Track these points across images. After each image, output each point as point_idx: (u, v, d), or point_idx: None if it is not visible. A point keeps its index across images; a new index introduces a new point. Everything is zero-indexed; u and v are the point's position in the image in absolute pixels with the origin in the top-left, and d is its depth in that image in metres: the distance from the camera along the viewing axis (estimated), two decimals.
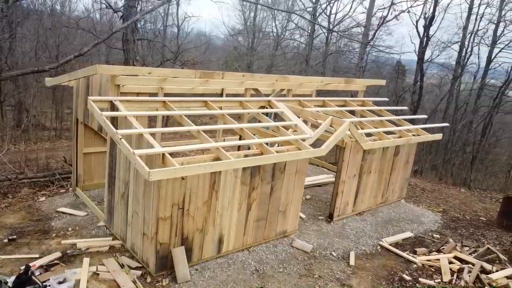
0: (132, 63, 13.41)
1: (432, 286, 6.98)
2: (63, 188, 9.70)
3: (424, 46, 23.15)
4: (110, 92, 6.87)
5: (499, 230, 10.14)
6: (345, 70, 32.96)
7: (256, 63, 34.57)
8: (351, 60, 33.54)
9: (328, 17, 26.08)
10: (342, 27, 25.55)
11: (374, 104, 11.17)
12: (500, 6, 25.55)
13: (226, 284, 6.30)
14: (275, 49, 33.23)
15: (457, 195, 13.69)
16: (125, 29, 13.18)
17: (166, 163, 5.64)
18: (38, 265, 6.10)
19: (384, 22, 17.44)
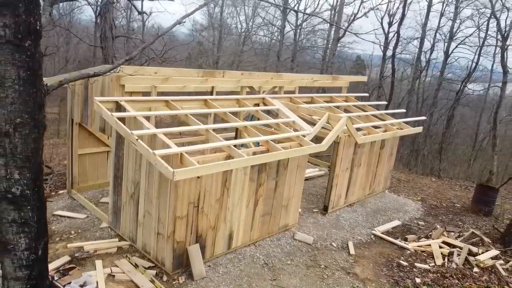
0: (111, 61, 13.13)
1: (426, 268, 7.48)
2: (53, 191, 9.45)
3: (389, 42, 24.10)
4: (115, 93, 6.81)
5: (473, 215, 10.91)
6: (310, 66, 33.69)
7: (223, 59, 34.52)
8: (315, 55, 34.33)
9: (297, 13, 26.52)
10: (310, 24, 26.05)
11: (356, 100, 11.63)
12: (456, 3, 27.03)
13: (241, 279, 6.48)
14: (242, 45, 33.33)
15: (430, 184, 14.50)
16: (103, 26, 12.89)
17: (185, 162, 5.71)
18: (51, 270, 6.00)
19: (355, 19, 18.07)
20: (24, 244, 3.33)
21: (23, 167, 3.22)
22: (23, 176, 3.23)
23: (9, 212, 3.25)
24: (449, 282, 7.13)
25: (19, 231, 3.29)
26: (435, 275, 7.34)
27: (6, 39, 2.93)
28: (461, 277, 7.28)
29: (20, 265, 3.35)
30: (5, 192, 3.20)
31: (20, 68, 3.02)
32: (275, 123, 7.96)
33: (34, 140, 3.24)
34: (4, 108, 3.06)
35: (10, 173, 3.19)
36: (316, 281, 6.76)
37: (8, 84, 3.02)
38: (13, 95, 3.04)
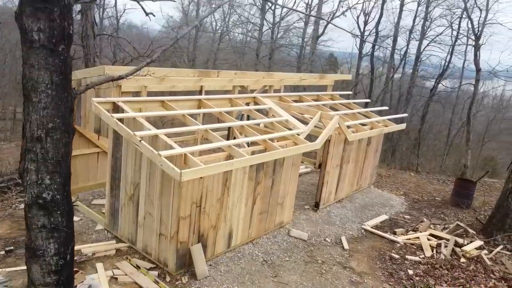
0: (93, 60, 12.87)
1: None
2: None
3: (365, 40, 24.62)
4: (112, 93, 6.74)
5: (454, 208, 11.37)
6: (286, 63, 33.96)
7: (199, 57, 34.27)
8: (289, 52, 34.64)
9: (274, 11, 26.69)
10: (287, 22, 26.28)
11: (341, 98, 11.88)
12: (427, 3, 27.87)
13: (243, 276, 6.56)
14: (219, 42, 33.22)
15: (410, 178, 14.98)
16: (84, 24, 12.61)
17: (189, 163, 5.74)
18: None
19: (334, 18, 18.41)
20: (53, 250, 3.30)
21: (54, 172, 3.18)
22: (54, 181, 3.20)
23: (39, 218, 3.21)
24: (439, 272, 7.45)
25: (48, 236, 3.25)
26: (426, 266, 7.65)
27: (40, 43, 2.89)
28: (450, 268, 7.62)
29: (49, 270, 3.31)
30: (36, 198, 3.16)
31: (53, 72, 2.98)
32: (269, 122, 8.06)
33: (64, 145, 3.21)
34: (37, 113, 3.01)
35: (41, 178, 3.15)
36: (315, 276, 6.93)
37: (41, 89, 2.98)
38: (45, 100, 3.00)
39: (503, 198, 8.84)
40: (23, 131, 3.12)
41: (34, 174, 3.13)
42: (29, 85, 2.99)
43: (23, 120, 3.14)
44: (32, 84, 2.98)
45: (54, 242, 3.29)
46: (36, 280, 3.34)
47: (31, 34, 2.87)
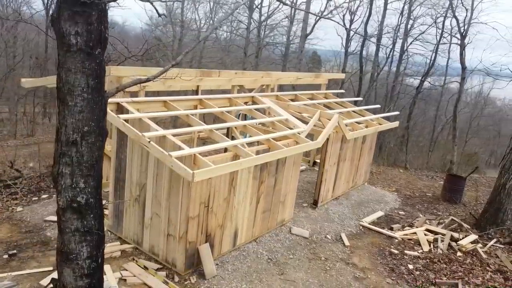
0: None
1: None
2: (35, 196, 9.08)
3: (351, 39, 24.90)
4: None
5: (445, 203, 11.66)
6: (272, 61, 34.04)
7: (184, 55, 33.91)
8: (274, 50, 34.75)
9: (260, 9, 26.71)
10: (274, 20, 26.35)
11: (335, 96, 12.04)
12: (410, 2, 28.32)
13: (250, 275, 6.62)
14: (204, 41, 33.01)
15: (400, 175, 15.28)
16: None
17: (198, 163, 5.76)
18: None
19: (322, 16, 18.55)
20: (86, 253, 3.28)
21: (88, 176, 3.17)
22: (88, 185, 3.18)
23: (73, 221, 3.19)
24: (438, 266, 7.66)
25: (81, 239, 3.24)
26: (425, 261, 7.85)
27: (77, 47, 2.87)
28: (448, 262, 7.84)
29: (81, 274, 3.30)
30: (71, 201, 3.14)
31: (89, 76, 2.97)
32: (270, 121, 8.13)
33: (98, 148, 3.20)
34: (73, 117, 3.00)
35: (75, 182, 3.13)
36: (320, 273, 7.04)
37: (77, 92, 2.96)
38: (81, 104, 2.99)
39: (495, 193, 9.13)
40: (57, 135, 3.10)
41: (68, 178, 3.12)
42: (65, 89, 2.97)
43: (57, 124, 3.11)
44: (69, 88, 2.96)
45: (86, 245, 3.28)
46: (68, 284, 3.33)
47: (69, 38, 2.86)
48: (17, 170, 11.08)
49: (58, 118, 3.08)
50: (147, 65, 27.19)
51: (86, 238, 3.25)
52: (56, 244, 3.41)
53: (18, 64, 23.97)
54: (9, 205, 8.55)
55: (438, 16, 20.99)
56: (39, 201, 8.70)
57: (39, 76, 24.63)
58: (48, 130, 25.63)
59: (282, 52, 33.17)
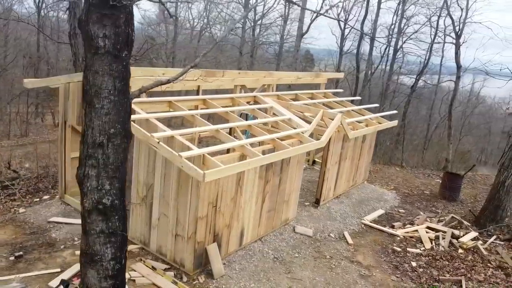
0: (82, 59, 12.60)
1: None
2: (35, 197, 9.02)
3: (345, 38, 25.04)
4: None
5: (443, 201, 11.81)
6: (266, 60, 34.09)
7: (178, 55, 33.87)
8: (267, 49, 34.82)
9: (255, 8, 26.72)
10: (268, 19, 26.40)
11: (334, 95, 12.10)
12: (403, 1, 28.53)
13: (257, 274, 6.66)
14: (199, 39, 32.97)
15: (397, 173, 15.42)
16: (72, 22, 12.34)
17: (207, 163, 5.78)
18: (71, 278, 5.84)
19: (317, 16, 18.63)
20: (110, 254, 3.29)
21: (114, 178, 3.17)
22: (113, 187, 3.19)
23: (98, 223, 3.20)
24: (440, 264, 7.76)
25: (106, 241, 3.24)
26: (427, 258, 7.96)
27: (105, 49, 2.87)
28: (450, 259, 7.95)
29: (105, 275, 3.30)
30: (96, 203, 3.15)
31: (116, 78, 2.97)
32: (274, 121, 8.17)
33: (123, 150, 3.20)
34: (99, 119, 3.00)
35: (101, 184, 3.13)
36: (326, 271, 7.11)
37: (104, 95, 2.97)
38: (108, 106, 2.99)
39: (494, 191, 9.28)
40: (83, 137, 3.10)
41: (94, 180, 3.12)
42: (92, 91, 2.97)
43: (83, 126, 3.11)
44: (96, 90, 2.96)
45: (111, 246, 3.28)
46: (92, 285, 3.33)
47: (97, 40, 2.86)
48: (15, 171, 10.98)
49: (85, 121, 3.08)
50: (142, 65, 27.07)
51: (110, 239, 3.26)
52: (80, 245, 3.41)
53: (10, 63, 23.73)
54: (11, 206, 8.49)
55: (432, 15, 21.18)
56: (41, 202, 8.64)
57: (33, 75, 24.42)
58: (41, 130, 25.42)
59: (275, 51, 33.26)
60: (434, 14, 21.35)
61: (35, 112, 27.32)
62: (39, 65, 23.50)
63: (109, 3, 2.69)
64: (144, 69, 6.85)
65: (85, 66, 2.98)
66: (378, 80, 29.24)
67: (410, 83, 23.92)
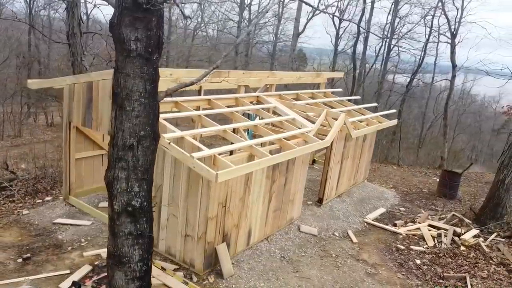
0: (80, 59, 12.52)
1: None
2: (34, 198, 8.96)
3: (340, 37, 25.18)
4: None
5: (442, 199, 11.95)
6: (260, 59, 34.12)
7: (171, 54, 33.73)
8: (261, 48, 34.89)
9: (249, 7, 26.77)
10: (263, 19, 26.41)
11: (334, 95, 12.17)
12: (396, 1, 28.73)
13: (266, 273, 6.70)
14: (193, 38, 32.91)
15: (394, 172, 15.57)
16: (70, 21, 12.25)
17: (218, 164, 5.80)
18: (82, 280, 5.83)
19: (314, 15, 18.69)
20: (138, 256, 3.30)
21: (143, 180, 3.18)
22: (142, 189, 3.20)
23: (126, 225, 3.20)
24: (444, 261, 7.87)
25: (134, 243, 3.25)
26: (431, 256, 8.06)
27: (137, 52, 2.88)
28: (453, 256, 8.07)
29: (133, 277, 3.31)
30: (126, 206, 3.15)
31: (147, 81, 2.98)
32: (278, 121, 8.20)
33: (152, 152, 3.21)
34: (130, 121, 3.00)
35: (130, 186, 3.14)
36: (333, 270, 7.17)
37: (135, 97, 2.97)
38: (138, 108, 3.00)
39: (494, 189, 9.42)
40: (112, 139, 3.10)
41: (124, 182, 3.13)
42: (123, 94, 2.98)
43: (113, 129, 3.11)
44: (127, 93, 2.97)
45: (138, 248, 3.29)
46: (119, 287, 3.34)
47: (129, 43, 2.87)
48: (12, 172, 10.89)
49: (115, 123, 3.08)
50: None
51: (138, 241, 3.26)
52: (108, 247, 3.41)
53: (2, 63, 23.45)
54: (13, 208, 8.43)
55: (426, 14, 21.39)
56: (44, 204, 8.58)
57: (26, 76, 24.19)
58: (35, 131, 25.18)
59: (269, 50, 33.30)
60: (428, 14, 21.57)
61: (27, 112, 27.05)
62: (32, 64, 23.28)
63: (142, 6, 2.70)
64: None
65: (116, 69, 2.98)
66: (371, 79, 29.46)
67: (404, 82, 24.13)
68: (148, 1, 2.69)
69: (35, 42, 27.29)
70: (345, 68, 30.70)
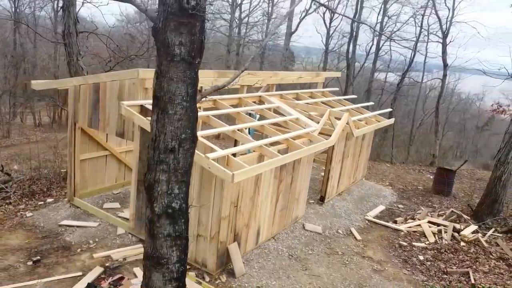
0: (76, 59, 12.38)
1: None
2: (40, 200, 8.88)
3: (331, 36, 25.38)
4: (139, 96, 6.65)
5: (437, 196, 12.20)
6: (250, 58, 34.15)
7: None
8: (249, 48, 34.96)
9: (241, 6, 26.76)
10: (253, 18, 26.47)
11: (332, 94, 12.31)
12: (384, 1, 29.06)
13: (277, 272, 6.79)
14: None
15: (388, 169, 15.81)
16: (66, 21, 12.11)
17: (231, 164, 5.85)
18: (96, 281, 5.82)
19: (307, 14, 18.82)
20: (176, 257, 3.33)
21: (182, 182, 3.21)
22: (181, 191, 3.23)
23: (166, 227, 3.23)
24: (446, 256, 8.06)
25: (172, 244, 3.28)
26: (433, 251, 8.25)
27: (181, 57, 2.90)
28: (454, 251, 8.27)
29: (170, 278, 3.34)
30: (166, 208, 3.18)
31: (189, 85, 3.01)
32: (283, 120, 8.28)
33: (191, 155, 3.25)
34: (172, 125, 3.03)
35: (170, 188, 3.17)
36: (341, 267, 7.29)
37: (177, 101, 3.00)
38: (180, 112, 3.03)
39: (491, 186, 9.67)
40: (154, 142, 3.13)
41: (164, 184, 3.16)
42: (166, 98, 3.01)
43: (155, 132, 3.13)
44: (170, 97, 3.00)
45: (176, 249, 3.33)
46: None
47: (173, 48, 2.89)
48: (7, 173, 10.74)
49: (157, 126, 3.11)
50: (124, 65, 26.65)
51: (176, 242, 3.30)
52: (145, 249, 3.43)
53: None
54: (16, 210, 8.33)
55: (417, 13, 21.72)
56: (47, 206, 8.51)
57: (15, 75, 23.79)
58: (23, 131, 24.77)
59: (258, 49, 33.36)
60: (417, 13, 21.91)
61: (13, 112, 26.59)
62: (21, 64, 22.90)
63: (188, 11, 2.74)
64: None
65: (158, 73, 3.00)
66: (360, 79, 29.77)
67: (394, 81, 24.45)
68: (194, 6, 2.74)
69: (20, 40, 26.82)
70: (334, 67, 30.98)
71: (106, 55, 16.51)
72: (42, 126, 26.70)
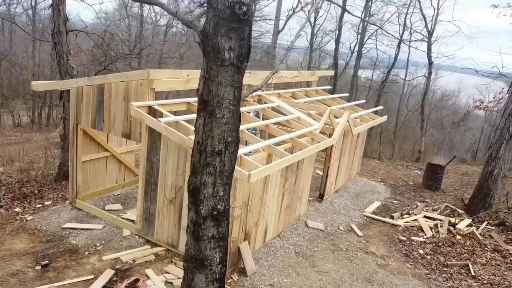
0: (66, 58, 12.14)
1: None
2: (37, 203, 8.71)
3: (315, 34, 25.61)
4: (146, 96, 6.61)
5: (428, 191, 12.53)
6: None
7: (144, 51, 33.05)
8: None
9: None
10: None
11: (326, 93, 12.47)
12: None
13: (286, 269, 6.88)
14: (165, 35, 32.41)
15: (378, 166, 16.12)
16: (56, 19, 11.86)
17: (244, 164, 5.90)
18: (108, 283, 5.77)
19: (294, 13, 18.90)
20: (218, 258, 3.35)
21: (227, 184, 3.24)
22: (225, 193, 3.25)
23: (210, 229, 3.25)
24: (445, 250, 8.32)
25: (215, 246, 3.30)
26: (431, 245, 8.49)
27: (230, 61, 2.92)
28: (451, 245, 8.54)
29: (213, 279, 3.36)
30: (212, 210, 3.20)
31: (236, 89, 3.03)
32: (285, 119, 8.36)
33: (235, 157, 3.27)
34: (219, 128, 3.05)
35: (216, 190, 3.19)
36: (346, 263, 7.44)
37: (225, 104, 3.02)
38: (227, 115, 3.05)
39: (483, 180, 10.01)
40: (200, 146, 3.14)
41: (210, 187, 3.18)
42: (214, 102, 3.03)
43: (201, 135, 3.14)
44: (218, 101, 3.02)
45: (219, 251, 3.35)
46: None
47: (223, 53, 2.92)
48: None
49: (203, 130, 3.12)
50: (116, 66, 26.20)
51: (219, 244, 3.32)
52: (188, 251, 3.44)
53: None
54: (15, 214, 8.15)
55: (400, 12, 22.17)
56: (46, 209, 8.36)
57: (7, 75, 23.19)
58: (2, 132, 24.10)
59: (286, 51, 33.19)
60: (400, 12, 22.36)
61: None
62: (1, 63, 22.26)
63: (239, 17, 2.77)
64: (171, 71, 6.82)
65: (207, 77, 3.02)
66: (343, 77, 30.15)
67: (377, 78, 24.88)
68: (245, 12, 2.77)
69: (14, 39, 26.09)
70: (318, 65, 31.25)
71: (87, 55, 16.24)
72: (22, 126, 26.04)
